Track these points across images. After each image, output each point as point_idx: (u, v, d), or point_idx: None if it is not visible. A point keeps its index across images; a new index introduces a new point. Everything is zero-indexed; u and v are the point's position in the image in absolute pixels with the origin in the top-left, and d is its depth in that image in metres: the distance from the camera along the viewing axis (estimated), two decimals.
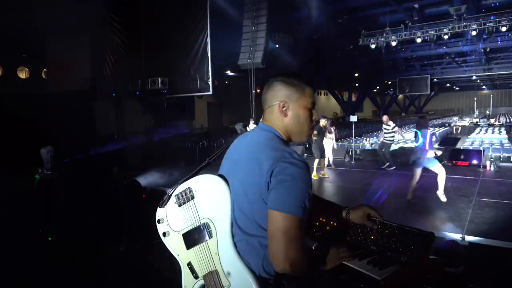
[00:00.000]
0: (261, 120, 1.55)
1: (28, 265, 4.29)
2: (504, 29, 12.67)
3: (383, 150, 10.45)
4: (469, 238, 4.70)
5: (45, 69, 10.82)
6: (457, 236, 4.76)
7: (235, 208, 1.38)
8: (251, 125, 11.14)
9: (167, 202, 1.46)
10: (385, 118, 10.49)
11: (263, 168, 1.32)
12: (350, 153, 12.21)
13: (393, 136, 10.59)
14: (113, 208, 6.22)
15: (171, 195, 1.46)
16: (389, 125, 10.28)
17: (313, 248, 1.71)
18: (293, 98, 1.47)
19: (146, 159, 10.84)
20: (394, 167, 10.15)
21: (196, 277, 1.40)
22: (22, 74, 10.45)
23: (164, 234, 1.46)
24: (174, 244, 1.44)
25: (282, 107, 1.45)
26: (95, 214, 5.79)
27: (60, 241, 4.67)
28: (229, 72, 19.45)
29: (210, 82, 9.90)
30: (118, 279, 4.18)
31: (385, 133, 10.47)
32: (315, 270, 1.45)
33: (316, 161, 9.26)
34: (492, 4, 12.84)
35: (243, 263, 1.34)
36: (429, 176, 8.26)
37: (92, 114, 11.29)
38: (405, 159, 9.55)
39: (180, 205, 1.43)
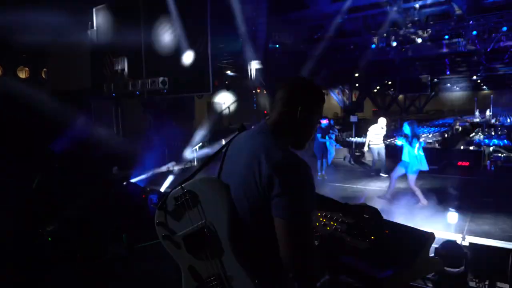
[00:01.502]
0: (266, 119, 1.53)
1: (28, 265, 4.29)
2: (504, 29, 12.67)
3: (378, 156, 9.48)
4: (469, 238, 4.69)
5: (45, 69, 10.79)
6: (457, 236, 4.76)
7: (235, 210, 1.36)
8: None
9: (165, 204, 1.44)
10: (383, 120, 9.40)
11: (264, 171, 1.30)
12: (351, 153, 12.22)
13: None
14: (113, 208, 6.22)
15: (169, 197, 1.44)
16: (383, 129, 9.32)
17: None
18: (311, 107, 1.50)
19: (146, 159, 10.84)
20: (387, 174, 8.98)
21: (196, 280, 1.39)
22: (22, 74, 10.44)
23: (164, 237, 1.44)
24: (174, 247, 1.42)
25: (301, 111, 1.46)
26: (95, 214, 5.78)
27: (60, 241, 4.67)
28: (229, 72, 19.43)
29: (210, 82, 9.88)
30: (118, 279, 4.18)
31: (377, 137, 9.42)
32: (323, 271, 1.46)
33: (319, 162, 9.23)
34: (493, 4, 12.81)
35: (245, 266, 1.31)
36: (430, 178, 8.27)
37: (92, 114, 11.30)
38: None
39: (179, 208, 1.41)
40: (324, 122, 9.37)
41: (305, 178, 1.31)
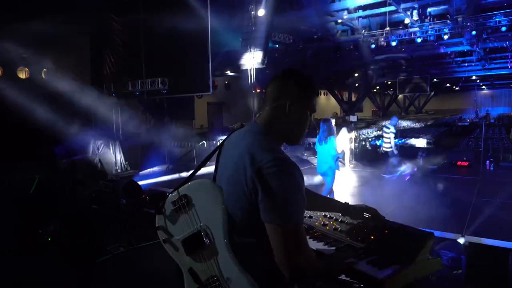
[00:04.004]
0: (256, 117, 1.50)
1: (27, 265, 4.29)
2: (504, 29, 12.68)
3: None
4: (469, 238, 4.69)
5: (45, 69, 10.80)
6: (457, 236, 4.76)
7: (229, 212, 1.36)
8: None
9: (164, 209, 1.45)
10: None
11: (249, 175, 1.28)
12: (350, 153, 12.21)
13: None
14: (113, 208, 6.22)
15: (167, 202, 1.45)
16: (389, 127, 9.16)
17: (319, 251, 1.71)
18: (302, 100, 1.44)
19: (146, 159, 10.85)
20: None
21: (197, 282, 1.39)
22: (22, 74, 10.44)
23: (164, 241, 1.46)
24: (174, 250, 1.44)
25: (290, 106, 1.41)
26: (95, 214, 5.79)
27: (60, 242, 4.67)
28: (229, 72, 19.44)
29: (210, 82, 9.88)
30: (118, 279, 4.18)
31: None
32: (325, 274, 1.45)
33: None
34: (493, 4, 12.82)
35: (242, 268, 1.31)
36: (430, 178, 8.27)
37: (92, 115, 11.29)
38: None
39: (177, 212, 1.42)
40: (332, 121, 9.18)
41: (289, 181, 1.26)
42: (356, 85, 28.73)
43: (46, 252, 4.52)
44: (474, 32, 12.99)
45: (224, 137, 1.58)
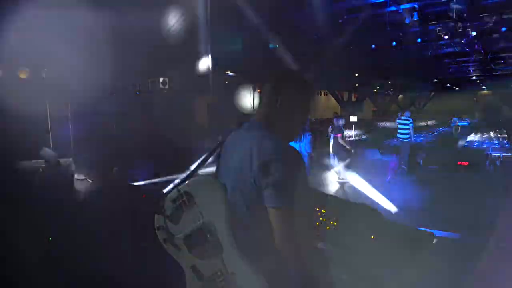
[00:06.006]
0: (255, 115, 1.53)
1: (27, 265, 4.29)
2: (504, 29, 12.66)
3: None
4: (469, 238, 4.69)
5: (45, 69, 10.80)
6: (457, 236, 4.76)
7: (232, 207, 1.37)
8: None
9: (164, 208, 1.45)
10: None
11: (256, 160, 1.32)
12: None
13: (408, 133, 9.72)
14: (113, 208, 6.21)
15: (167, 200, 1.45)
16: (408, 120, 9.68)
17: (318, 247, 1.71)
18: (292, 98, 1.48)
19: (146, 159, 10.84)
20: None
21: (200, 279, 1.40)
22: (22, 74, 10.43)
23: (165, 240, 1.46)
24: (176, 249, 1.44)
25: (281, 102, 1.45)
26: (95, 214, 5.78)
27: (60, 241, 4.67)
28: (229, 72, 19.43)
29: (210, 82, 9.89)
30: (119, 279, 4.18)
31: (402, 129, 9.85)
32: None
33: (347, 161, 8.95)
34: (493, 4, 12.80)
35: (246, 261, 1.33)
36: (430, 177, 8.27)
37: (92, 114, 11.28)
38: None
39: (177, 210, 1.42)
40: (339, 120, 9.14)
41: (295, 166, 1.32)
42: (357, 85, 28.71)
43: (45, 252, 4.51)
44: (474, 33, 12.98)
45: (224, 137, 1.60)
